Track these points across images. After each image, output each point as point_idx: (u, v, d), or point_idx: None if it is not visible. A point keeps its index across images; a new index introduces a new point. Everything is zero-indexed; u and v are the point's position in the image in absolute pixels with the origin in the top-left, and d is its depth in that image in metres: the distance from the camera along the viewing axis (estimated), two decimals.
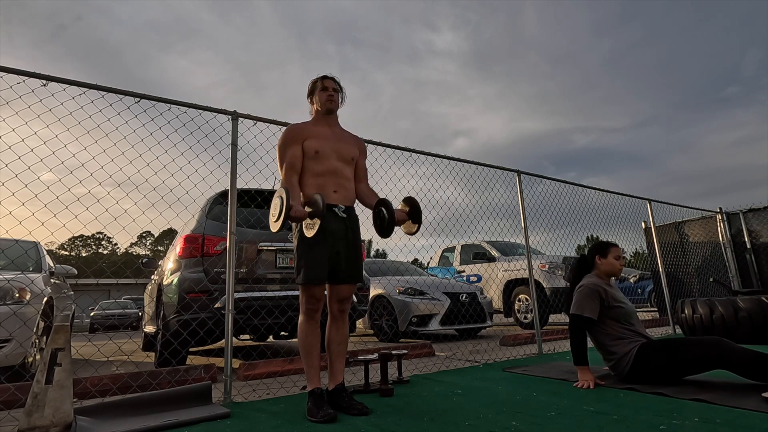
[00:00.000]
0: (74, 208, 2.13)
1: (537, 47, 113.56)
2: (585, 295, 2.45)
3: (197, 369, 2.82)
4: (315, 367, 2.01)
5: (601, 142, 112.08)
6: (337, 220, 2.05)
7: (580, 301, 2.46)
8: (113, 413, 1.92)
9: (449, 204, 3.73)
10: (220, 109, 2.63)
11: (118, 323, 16.30)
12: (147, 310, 5.01)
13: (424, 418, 1.82)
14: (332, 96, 2.15)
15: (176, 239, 3.90)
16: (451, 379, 2.69)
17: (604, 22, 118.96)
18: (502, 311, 6.97)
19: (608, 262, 2.58)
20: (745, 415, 1.68)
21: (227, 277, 2.44)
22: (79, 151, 2.21)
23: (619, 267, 2.56)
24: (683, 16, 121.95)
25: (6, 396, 2.22)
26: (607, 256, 2.59)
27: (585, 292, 2.46)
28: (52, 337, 1.71)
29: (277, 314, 3.34)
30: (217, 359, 4.56)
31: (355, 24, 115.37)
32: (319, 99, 2.16)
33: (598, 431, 1.56)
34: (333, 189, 2.07)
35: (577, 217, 4.87)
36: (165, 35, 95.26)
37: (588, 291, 2.46)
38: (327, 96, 2.14)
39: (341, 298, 2.09)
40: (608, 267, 2.57)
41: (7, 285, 2.91)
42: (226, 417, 1.95)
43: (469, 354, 3.96)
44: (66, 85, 2.22)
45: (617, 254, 2.58)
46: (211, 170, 2.61)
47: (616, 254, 2.58)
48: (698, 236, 6.94)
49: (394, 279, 5.90)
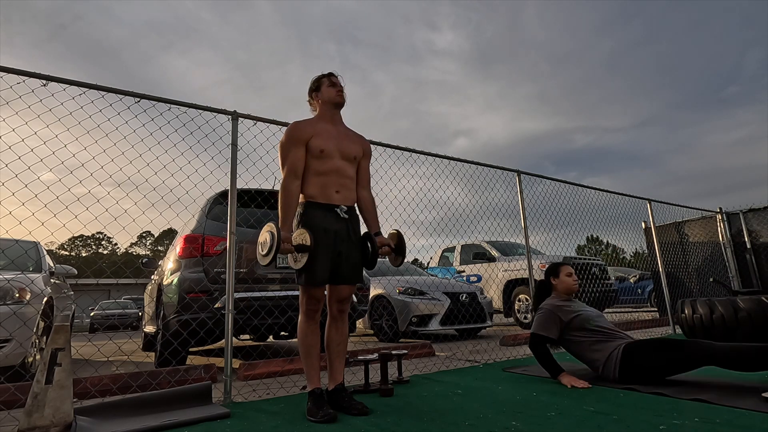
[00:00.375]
0: (74, 208, 2.14)
1: (538, 47, 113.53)
2: (541, 316, 2.63)
3: (197, 369, 2.82)
4: (315, 368, 2.01)
5: (601, 142, 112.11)
6: (339, 221, 2.05)
7: (538, 321, 2.63)
8: (113, 413, 1.92)
9: (449, 204, 3.74)
10: (220, 109, 2.63)
11: (118, 323, 16.30)
12: (147, 310, 5.01)
13: (424, 418, 1.82)
14: (341, 90, 2.17)
15: (176, 239, 3.90)
16: (451, 379, 2.69)
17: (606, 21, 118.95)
18: (502, 311, 6.97)
19: (561, 281, 2.72)
20: (745, 415, 1.68)
21: (227, 277, 2.44)
22: (79, 151, 2.21)
23: (572, 282, 2.69)
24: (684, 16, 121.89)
25: (6, 396, 2.22)
26: (559, 275, 2.74)
27: (541, 314, 2.65)
28: (52, 337, 1.71)
29: (277, 314, 3.34)
30: (217, 359, 4.56)
31: (356, 23, 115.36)
32: (327, 94, 2.15)
33: (598, 431, 1.56)
34: (335, 189, 2.06)
35: (577, 217, 4.88)
36: (165, 35, 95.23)
37: (544, 312, 2.64)
38: (336, 91, 2.15)
39: (341, 298, 2.09)
40: (563, 285, 2.71)
41: (7, 285, 2.91)
42: (226, 417, 1.95)
43: (469, 354, 3.96)
44: (66, 85, 2.22)
45: (568, 272, 2.73)
46: (211, 170, 2.61)
47: (567, 272, 2.73)
48: (698, 236, 6.95)
49: (394, 279, 5.90)
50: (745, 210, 6.61)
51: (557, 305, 2.65)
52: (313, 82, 2.23)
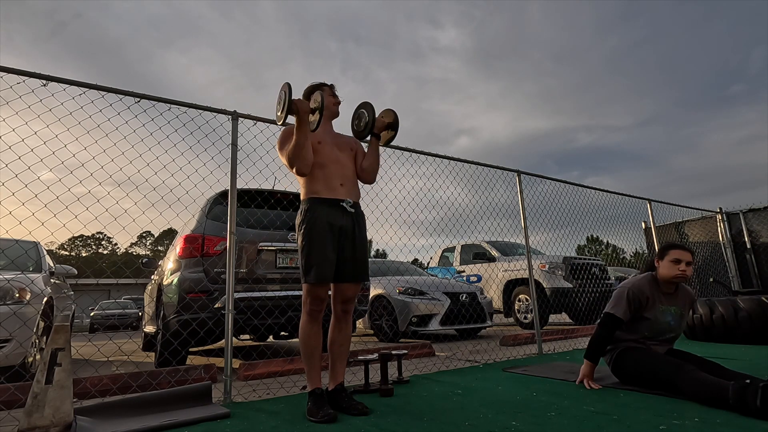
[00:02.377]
0: (74, 208, 2.14)
1: (541, 44, 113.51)
2: (625, 295, 2.28)
3: (197, 369, 2.82)
4: (316, 368, 2.00)
5: (604, 141, 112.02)
6: (345, 215, 2.04)
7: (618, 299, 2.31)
8: (113, 413, 1.92)
9: (449, 204, 3.73)
10: (220, 109, 2.63)
11: (118, 323, 16.29)
12: (147, 310, 5.01)
13: (424, 418, 1.82)
14: (339, 103, 2.23)
15: (176, 239, 3.90)
16: (451, 379, 2.69)
17: (609, 19, 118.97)
18: (502, 311, 6.97)
19: (663, 265, 2.29)
20: (745, 415, 1.67)
21: (227, 277, 2.44)
22: (79, 150, 2.21)
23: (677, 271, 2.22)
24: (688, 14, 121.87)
25: (6, 396, 2.22)
26: (664, 258, 2.29)
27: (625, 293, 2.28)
28: (52, 337, 1.71)
29: (277, 314, 3.34)
30: (217, 359, 4.56)
31: (358, 20, 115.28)
32: (326, 101, 2.17)
33: (598, 431, 1.56)
34: (339, 182, 2.07)
35: (577, 217, 4.87)
36: (165, 32, 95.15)
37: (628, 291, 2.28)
38: (335, 102, 2.21)
39: (346, 298, 2.08)
40: (664, 271, 2.28)
41: (7, 285, 2.91)
42: (226, 417, 1.94)
43: (469, 354, 3.96)
44: (66, 85, 2.22)
45: (675, 256, 2.24)
46: (211, 170, 2.61)
47: (674, 257, 2.25)
48: (698, 236, 6.95)
49: (394, 279, 5.90)
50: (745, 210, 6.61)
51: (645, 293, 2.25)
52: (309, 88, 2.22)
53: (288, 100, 1.89)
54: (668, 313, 2.29)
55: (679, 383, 1.95)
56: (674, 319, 2.30)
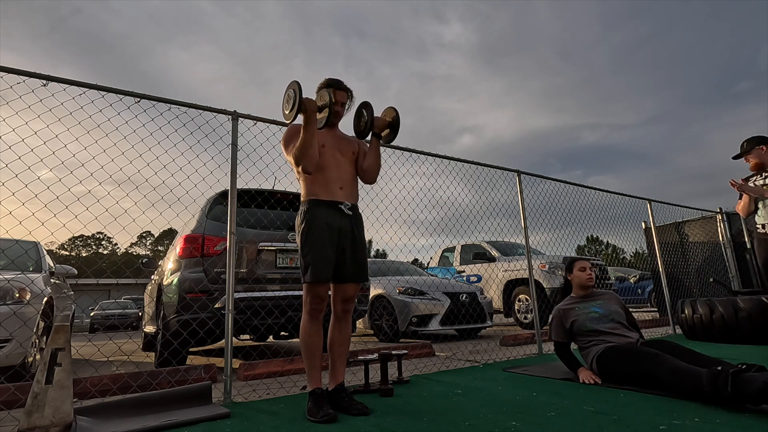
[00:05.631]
0: (74, 208, 2.13)
1: (546, 41, 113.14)
2: (551, 322, 2.73)
3: (197, 369, 2.82)
4: (316, 368, 2.01)
5: (609, 139, 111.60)
6: (343, 217, 2.06)
7: (551, 327, 2.73)
8: (113, 413, 1.92)
9: (450, 204, 3.73)
10: (220, 109, 2.63)
11: (118, 323, 16.29)
12: (147, 310, 5.01)
13: (424, 418, 1.82)
14: (339, 111, 2.18)
15: (176, 239, 3.90)
16: (451, 379, 2.68)
17: (615, 16, 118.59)
18: (502, 311, 6.96)
19: (574, 276, 2.76)
20: (746, 415, 1.67)
21: (227, 277, 2.44)
22: (79, 150, 2.21)
23: (585, 277, 2.70)
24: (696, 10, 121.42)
25: (6, 396, 2.22)
26: (573, 270, 2.77)
27: (551, 319, 2.74)
28: (52, 337, 1.71)
29: (277, 314, 3.34)
30: (217, 359, 4.56)
31: (362, 15, 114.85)
32: None
33: (598, 431, 1.56)
34: (339, 185, 2.09)
35: (577, 217, 4.87)
36: (166, 28, 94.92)
37: (552, 317, 2.74)
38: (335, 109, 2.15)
39: (346, 297, 2.09)
40: (576, 280, 2.75)
41: (7, 285, 2.91)
42: (226, 417, 1.94)
43: (469, 354, 3.96)
44: (66, 84, 2.22)
45: (581, 266, 2.75)
46: (211, 170, 2.61)
47: (580, 266, 2.75)
48: (698, 236, 6.94)
49: (394, 279, 5.90)
50: None
51: (562, 309, 2.70)
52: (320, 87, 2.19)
53: (299, 98, 1.89)
54: (590, 306, 2.63)
55: (659, 374, 2.02)
56: (600, 308, 2.60)
